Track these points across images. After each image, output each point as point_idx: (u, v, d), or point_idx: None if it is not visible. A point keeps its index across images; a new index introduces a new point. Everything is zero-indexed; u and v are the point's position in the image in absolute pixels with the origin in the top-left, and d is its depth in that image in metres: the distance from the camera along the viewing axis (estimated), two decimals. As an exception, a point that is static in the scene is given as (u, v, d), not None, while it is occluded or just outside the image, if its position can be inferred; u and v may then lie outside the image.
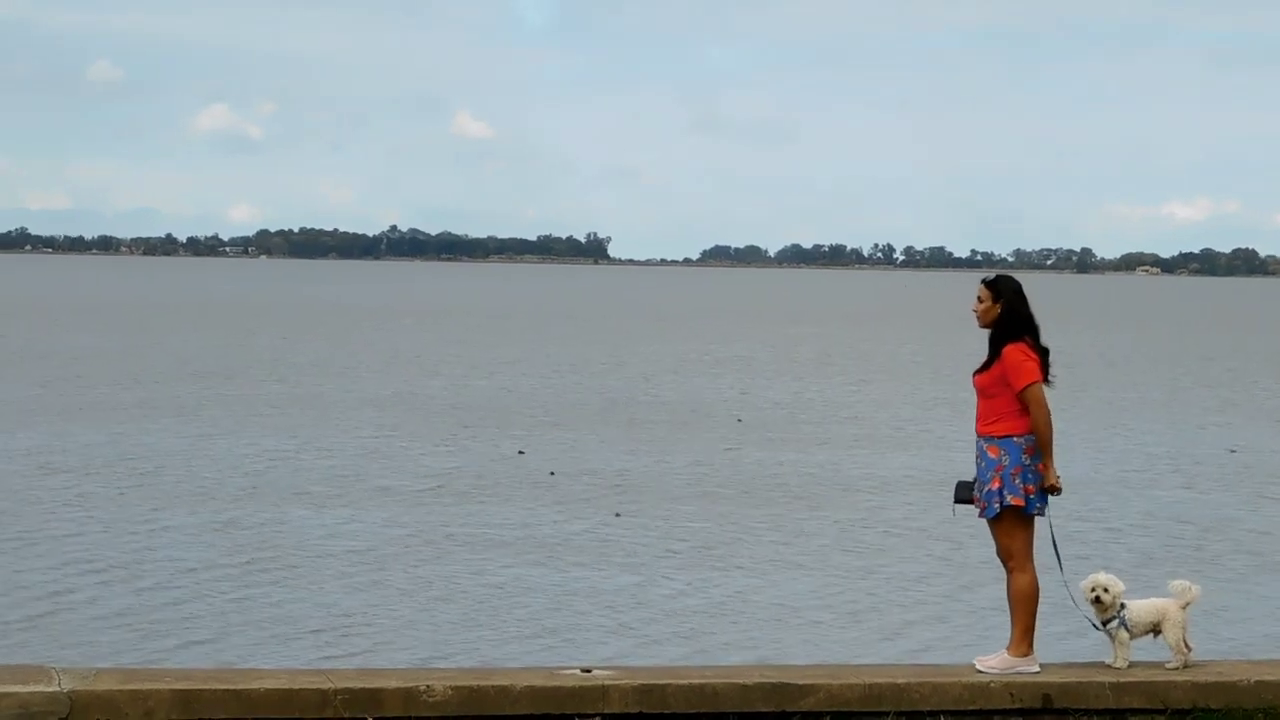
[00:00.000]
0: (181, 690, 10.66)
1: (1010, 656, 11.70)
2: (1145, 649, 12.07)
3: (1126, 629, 11.84)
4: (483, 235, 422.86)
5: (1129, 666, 11.84)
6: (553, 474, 30.83)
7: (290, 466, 31.34)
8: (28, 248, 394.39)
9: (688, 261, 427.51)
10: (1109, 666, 11.88)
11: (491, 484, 29.60)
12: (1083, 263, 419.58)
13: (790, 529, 25.72)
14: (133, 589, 20.41)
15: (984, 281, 11.87)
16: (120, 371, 53.15)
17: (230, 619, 19.06)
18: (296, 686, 10.87)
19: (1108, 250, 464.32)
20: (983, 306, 11.78)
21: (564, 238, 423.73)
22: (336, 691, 10.83)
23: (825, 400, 48.96)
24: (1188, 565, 22.71)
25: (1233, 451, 36.58)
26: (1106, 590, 11.82)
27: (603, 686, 11.09)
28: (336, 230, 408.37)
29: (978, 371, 11.86)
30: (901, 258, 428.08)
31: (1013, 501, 11.59)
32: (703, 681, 11.26)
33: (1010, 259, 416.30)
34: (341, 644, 18.03)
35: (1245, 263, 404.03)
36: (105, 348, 65.34)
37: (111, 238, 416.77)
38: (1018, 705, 11.44)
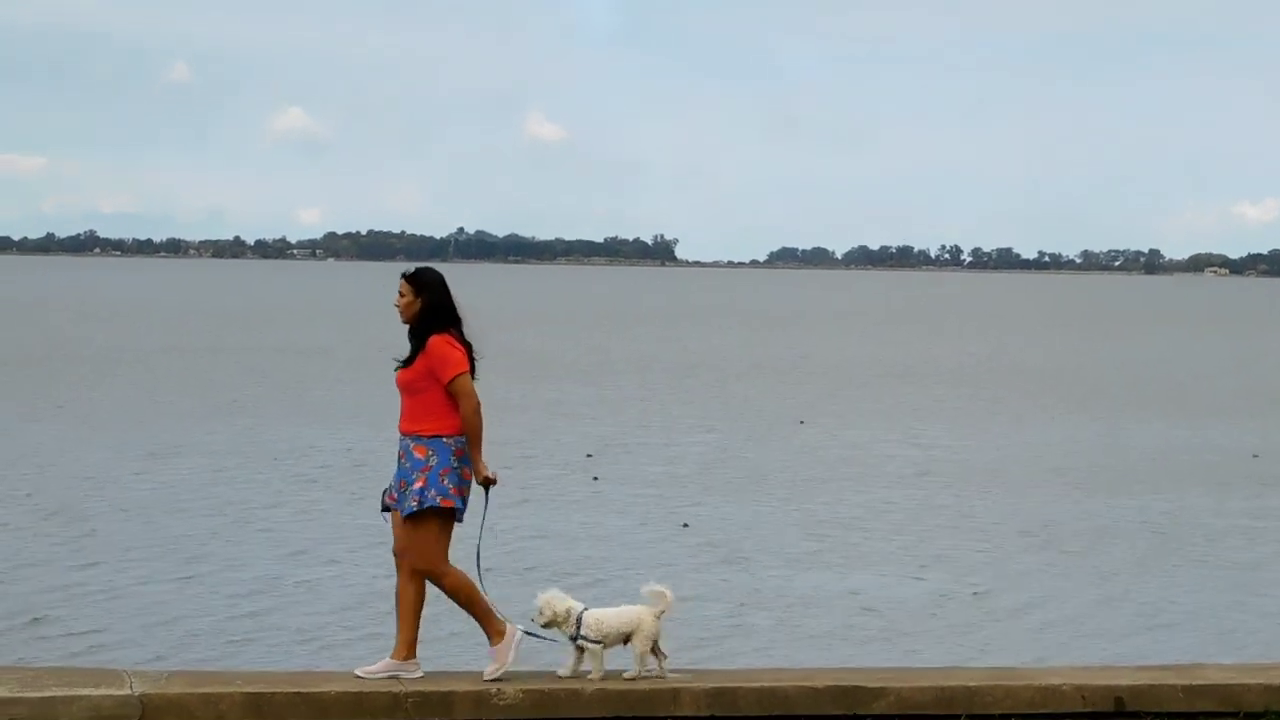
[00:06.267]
0: (252, 693, 10.71)
1: (394, 661, 11.31)
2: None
3: (593, 641, 11.22)
4: (550, 237, 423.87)
5: (603, 677, 11.17)
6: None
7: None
8: (96, 250, 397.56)
9: (754, 264, 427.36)
10: (589, 678, 11.17)
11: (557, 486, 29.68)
12: (1150, 264, 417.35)
13: (847, 523, 25.69)
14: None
15: (404, 276, 11.47)
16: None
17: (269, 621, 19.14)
18: (367, 690, 10.91)
19: (1176, 251, 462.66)
20: (404, 301, 11.44)
21: (631, 239, 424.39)
22: (408, 694, 10.86)
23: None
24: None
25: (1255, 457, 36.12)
26: (540, 613, 11.27)
27: (674, 689, 11.09)
28: (404, 232, 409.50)
29: (400, 367, 11.45)
30: (969, 259, 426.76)
31: (441, 503, 11.19)
32: (774, 685, 11.26)
33: (1078, 260, 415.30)
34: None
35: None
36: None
37: (180, 240, 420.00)
38: (1090, 708, 11.38)
